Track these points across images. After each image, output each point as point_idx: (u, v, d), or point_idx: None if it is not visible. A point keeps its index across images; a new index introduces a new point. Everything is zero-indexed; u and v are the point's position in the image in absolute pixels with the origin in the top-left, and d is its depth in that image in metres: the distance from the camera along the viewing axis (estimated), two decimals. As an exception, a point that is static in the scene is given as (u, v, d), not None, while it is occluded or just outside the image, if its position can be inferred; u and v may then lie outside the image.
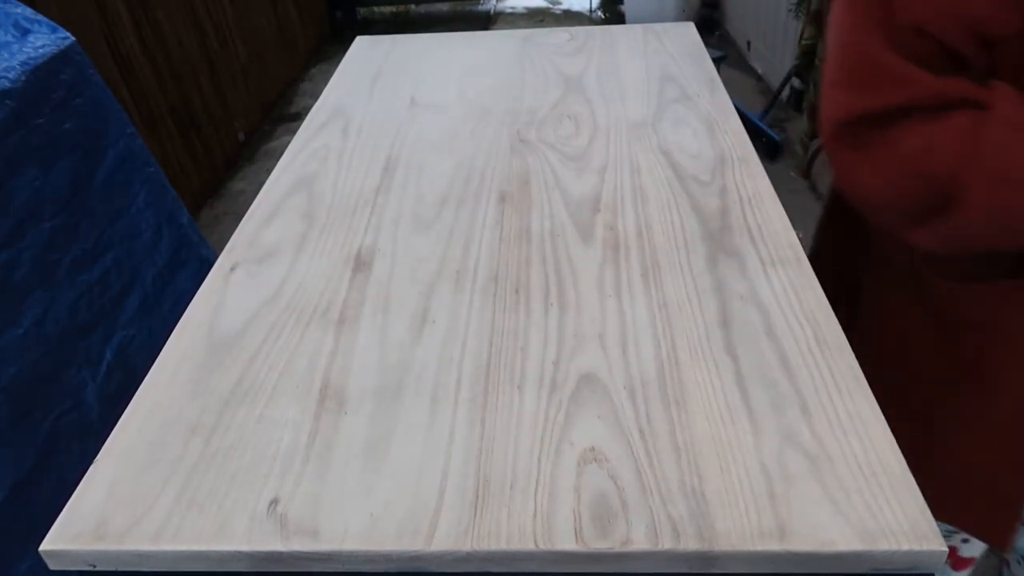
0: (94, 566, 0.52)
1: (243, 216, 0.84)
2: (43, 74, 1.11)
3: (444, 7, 4.71)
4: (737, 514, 0.49)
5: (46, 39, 1.15)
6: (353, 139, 0.99)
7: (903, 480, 0.51)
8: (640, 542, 0.48)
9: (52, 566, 0.52)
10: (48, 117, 1.12)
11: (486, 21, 4.47)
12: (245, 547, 0.50)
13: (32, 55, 1.10)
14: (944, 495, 0.63)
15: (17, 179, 1.06)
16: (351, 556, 0.49)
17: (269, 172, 0.92)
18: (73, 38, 1.19)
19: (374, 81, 1.15)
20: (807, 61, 2.37)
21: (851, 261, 0.82)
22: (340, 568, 0.50)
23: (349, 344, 0.65)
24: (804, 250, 0.73)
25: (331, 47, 4.10)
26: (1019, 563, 0.87)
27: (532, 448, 0.55)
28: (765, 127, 2.74)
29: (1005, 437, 0.72)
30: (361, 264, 0.75)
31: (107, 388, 1.17)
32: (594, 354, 0.62)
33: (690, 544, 0.48)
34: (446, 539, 0.49)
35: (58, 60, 1.14)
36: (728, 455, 0.53)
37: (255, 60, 3.19)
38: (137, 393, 0.62)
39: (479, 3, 4.77)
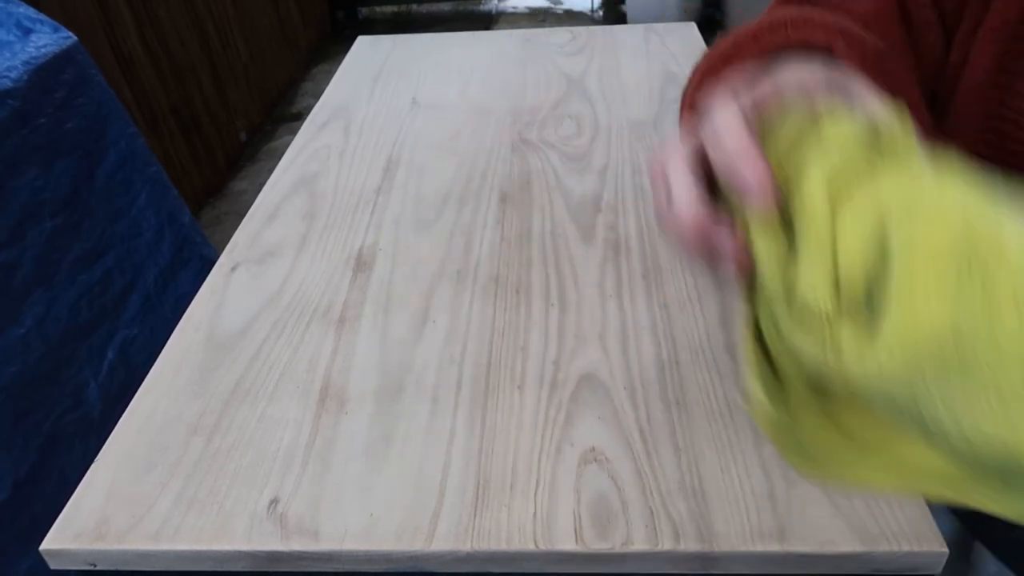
0: (94, 565, 0.52)
1: (244, 216, 0.84)
2: (45, 74, 1.11)
3: (446, 7, 4.70)
4: (737, 515, 0.49)
5: (48, 39, 1.15)
6: (354, 139, 0.99)
7: (903, 481, 0.51)
8: (640, 543, 0.48)
9: (53, 565, 0.52)
10: (50, 117, 1.12)
11: (488, 21, 4.47)
12: (245, 547, 0.50)
13: (34, 55, 1.11)
14: None
15: (18, 179, 1.07)
16: (351, 556, 0.49)
17: (271, 172, 0.92)
18: (75, 38, 1.19)
19: (375, 81, 1.15)
20: (809, 61, 2.38)
21: None
22: (340, 568, 0.50)
23: (350, 344, 0.65)
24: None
25: (333, 47, 4.09)
26: None
27: (532, 448, 0.55)
28: (767, 127, 2.74)
29: None
30: (362, 264, 0.75)
31: (108, 387, 1.17)
32: (594, 354, 0.62)
33: (690, 545, 0.48)
34: (446, 539, 0.49)
35: (60, 60, 1.14)
36: (728, 455, 0.53)
37: (257, 60, 3.19)
38: (138, 393, 0.62)
39: (480, 3, 4.77)
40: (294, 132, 1.02)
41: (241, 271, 0.75)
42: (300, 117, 3.28)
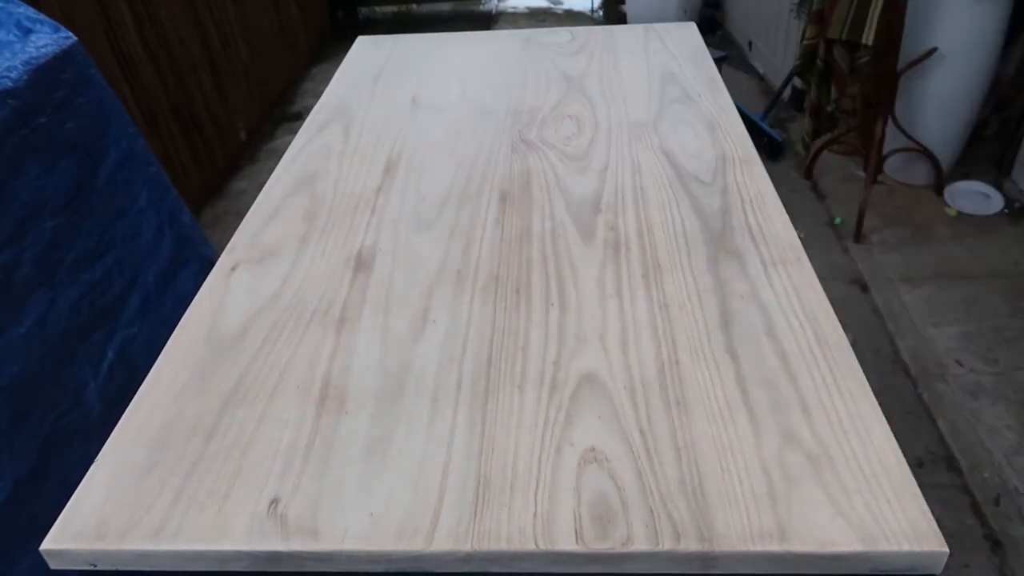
0: (95, 565, 0.52)
1: (244, 216, 0.84)
2: (45, 74, 1.11)
3: (445, 7, 4.70)
4: (737, 515, 0.49)
5: (48, 39, 1.15)
6: (354, 139, 0.99)
7: (903, 481, 0.51)
8: (640, 543, 0.48)
9: (53, 565, 0.52)
10: (50, 117, 1.12)
11: (487, 21, 4.47)
12: (245, 547, 0.50)
13: (35, 55, 1.11)
14: None
15: (19, 178, 1.06)
16: (351, 556, 0.49)
17: (271, 172, 0.92)
18: (75, 38, 1.19)
19: (375, 81, 1.15)
20: (808, 61, 2.37)
21: None
22: (340, 568, 0.50)
23: (350, 344, 0.65)
24: (804, 250, 0.73)
25: (333, 47, 4.09)
26: None
27: (532, 448, 0.55)
28: (767, 127, 2.74)
29: None
30: (362, 264, 0.75)
31: (108, 387, 1.17)
32: (595, 354, 0.62)
33: (690, 545, 0.48)
34: (446, 539, 0.49)
35: (60, 60, 1.14)
36: (728, 455, 0.53)
37: (257, 59, 3.18)
38: (138, 393, 0.62)
39: (480, 3, 4.77)
40: (294, 132, 1.02)
41: (241, 271, 0.75)
42: (300, 117, 3.28)
